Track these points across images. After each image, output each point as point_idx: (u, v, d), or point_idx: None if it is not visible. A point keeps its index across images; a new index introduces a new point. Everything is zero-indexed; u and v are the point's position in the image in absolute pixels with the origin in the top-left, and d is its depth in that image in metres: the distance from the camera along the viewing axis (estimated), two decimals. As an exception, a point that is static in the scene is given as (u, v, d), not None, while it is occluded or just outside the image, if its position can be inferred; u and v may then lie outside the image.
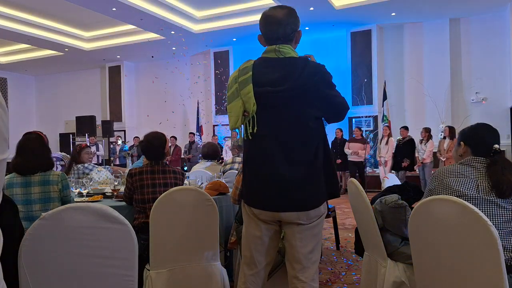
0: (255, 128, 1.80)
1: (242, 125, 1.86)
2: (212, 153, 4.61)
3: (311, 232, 1.86)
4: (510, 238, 1.77)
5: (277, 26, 1.83)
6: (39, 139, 2.63)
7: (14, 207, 2.19)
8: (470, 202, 1.70)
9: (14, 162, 2.58)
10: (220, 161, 6.48)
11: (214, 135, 11.80)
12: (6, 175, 2.60)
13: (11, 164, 2.58)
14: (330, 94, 1.82)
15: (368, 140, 10.12)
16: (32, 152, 2.57)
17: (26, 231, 1.59)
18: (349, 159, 9.41)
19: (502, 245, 1.61)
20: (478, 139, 1.99)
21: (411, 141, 8.56)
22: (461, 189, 1.84)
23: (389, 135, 9.04)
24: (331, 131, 10.06)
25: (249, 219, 1.94)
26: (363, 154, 9.20)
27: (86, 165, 4.02)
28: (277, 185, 1.79)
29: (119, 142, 12.03)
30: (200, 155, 5.80)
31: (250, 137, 1.83)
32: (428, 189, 2.02)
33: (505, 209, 1.78)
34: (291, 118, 1.79)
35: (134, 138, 11.99)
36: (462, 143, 2.03)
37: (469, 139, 2.02)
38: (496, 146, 1.93)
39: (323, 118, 1.91)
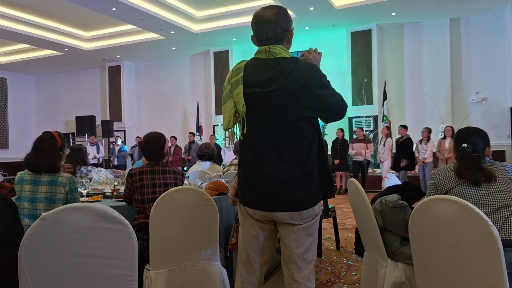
0: (245, 128, 1.80)
1: (236, 126, 1.86)
2: (208, 153, 4.57)
3: (305, 232, 1.85)
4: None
5: (267, 26, 1.81)
6: (51, 140, 2.62)
7: (14, 208, 2.20)
8: (471, 200, 1.86)
9: (27, 158, 2.58)
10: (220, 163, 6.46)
11: (213, 135, 11.79)
12: (20, 170, 2.62)
13: (24, 159, 2.59)
14: (323, 94, 1.78)
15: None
16: (41, 152, 2.57)
17: (29, 228, 1.59)
18: (353, 159, 9.44)
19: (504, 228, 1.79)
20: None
21: (409, 140, 8.56)
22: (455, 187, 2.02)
23: (388, 136, 9.03)
24: (332, 131, 10.07)
25: (244, 219, 1.94)
26: (367, 153, 9.21)
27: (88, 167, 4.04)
28: (269, 185, 1.79)
29: (119, 142, 11.99)
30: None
31: (242, 138, 1.84)
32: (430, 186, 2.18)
33: (499, 192, 1.93)
34: (280, 119, 1.78)
35: (136, 138, 11.94)
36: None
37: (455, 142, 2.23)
38: (464, 145, 2.12)
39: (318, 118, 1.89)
